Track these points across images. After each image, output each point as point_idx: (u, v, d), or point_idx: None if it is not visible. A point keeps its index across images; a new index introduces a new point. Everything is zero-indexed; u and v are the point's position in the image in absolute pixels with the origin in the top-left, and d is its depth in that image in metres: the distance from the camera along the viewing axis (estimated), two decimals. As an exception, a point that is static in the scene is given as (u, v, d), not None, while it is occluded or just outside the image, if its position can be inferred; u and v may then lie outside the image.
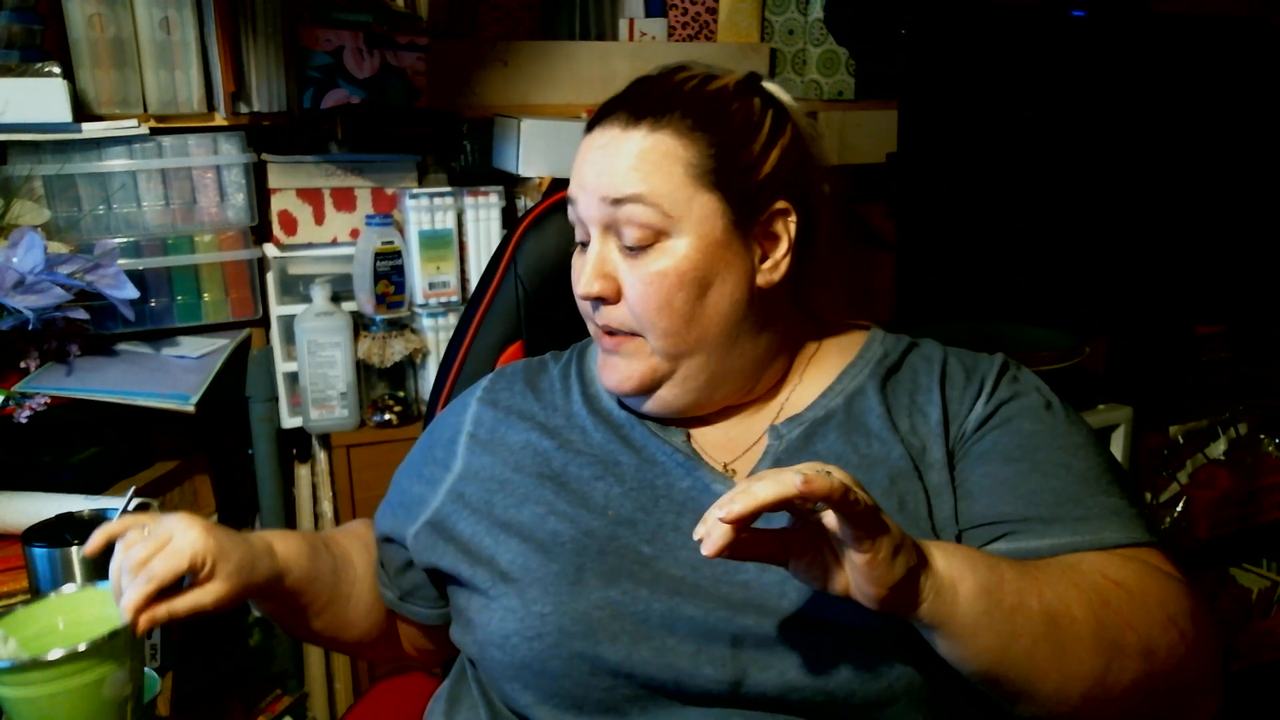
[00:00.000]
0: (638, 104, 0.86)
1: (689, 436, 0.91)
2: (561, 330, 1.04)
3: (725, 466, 0.89)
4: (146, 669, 0.93)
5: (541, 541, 0.84)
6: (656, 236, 0.84)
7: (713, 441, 0.91)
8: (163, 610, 0.79)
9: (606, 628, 0.78)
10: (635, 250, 0.85)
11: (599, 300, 0.87)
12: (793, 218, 0.87)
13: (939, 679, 0.76)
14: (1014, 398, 0.88)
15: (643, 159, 0.84)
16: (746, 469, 0.88)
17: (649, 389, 0.89)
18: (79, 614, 0.86)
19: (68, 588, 0.88)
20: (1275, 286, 2.17)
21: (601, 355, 0.91)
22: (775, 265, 0.87)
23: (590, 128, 0.89)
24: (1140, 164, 2.07)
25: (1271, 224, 2.16)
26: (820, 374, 0.93)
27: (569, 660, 0.79)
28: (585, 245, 0.89)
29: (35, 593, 1.03)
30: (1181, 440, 2.14)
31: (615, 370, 0.89)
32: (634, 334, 0.87)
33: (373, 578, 0.99)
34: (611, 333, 0.88)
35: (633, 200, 0.83)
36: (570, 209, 0.90)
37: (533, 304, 1.14)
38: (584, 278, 0.87)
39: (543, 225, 1.15)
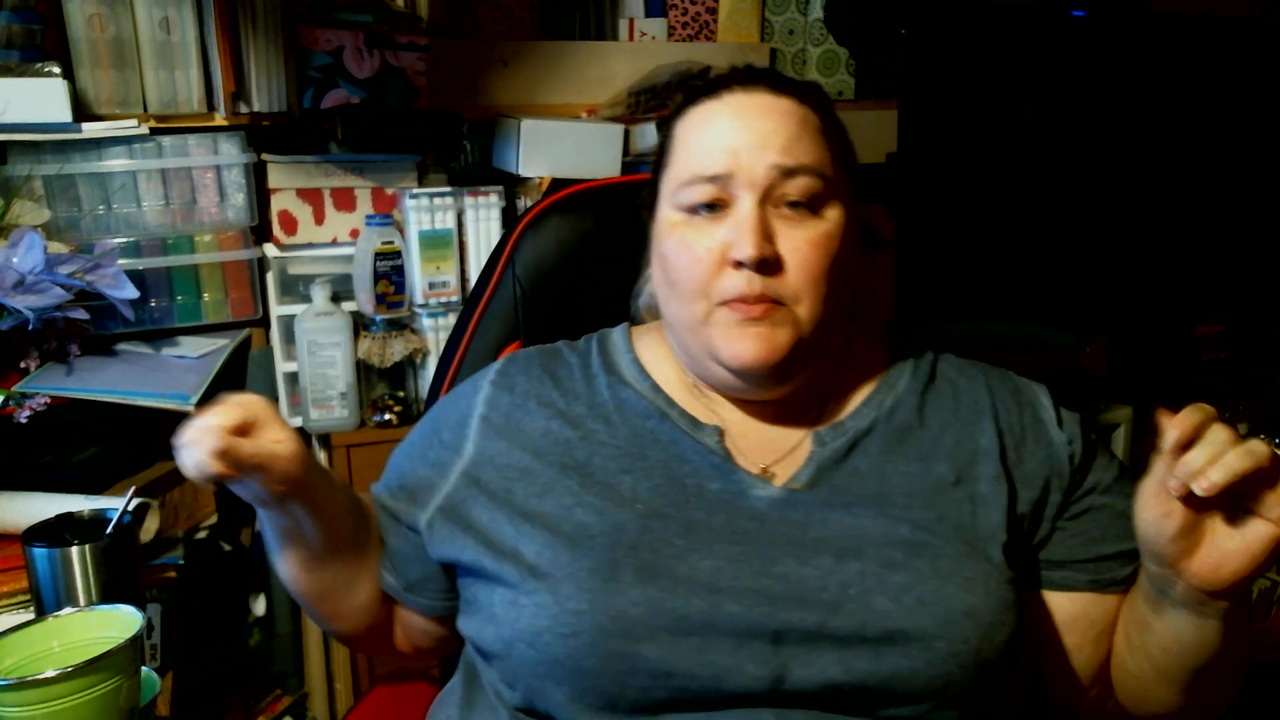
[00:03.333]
0: (772, 80, 0.86)
1: (722, 435, 0.87)
2: (560, 331, 1.03)
3: (765, 470, 0.86)
4: (146, 669, 0.93)
5: (569, 534, 0.81)
6: (817, 204, 0.83)
7: (750, 442, 0.88)
8: (244, 452, 0.77)
9: (645, 625, 0.76)
10: (797, 216, 0.82)
11: (762, 265, 0.80)
12: (858, 217, 0.89)
13: (971, 678, 0.77)
14: (1089, 450, 0.91)
15: (805, 126, 0.83)
16: (787, 474, 0.86)
17: (786, 362, 0.83)
18: (71, 637, 0.87)
19: (61, 611, 0.89)
20: (1275, 286, 2.17)
21: (733, 329, 0.82)
22: (856, 259, 0.89)
23: (711, 92, 0.86)
24: (1140, 164, 2.07)
25: (1271, 224, 2.16)
26: (854, 377, 0.92)
27: (605, 659, 0.77)
28: (709, 210, 0.83)
29: (35, 593, 1.03)
30: (1182, 440, 2.14)
31: (763, 340, 0.81)
32: (778, 303, 0.82)
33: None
34: (751, 302, 0.82)
35: (806, 170, 0.82)
36: (703, 171, 0.83)
37: (531, 304, 1.13)
38: (750, 240, 0.80)
39: (540, 225, 1.14)
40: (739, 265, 0.81)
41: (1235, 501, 0.71)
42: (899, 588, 0.77)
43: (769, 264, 0.81)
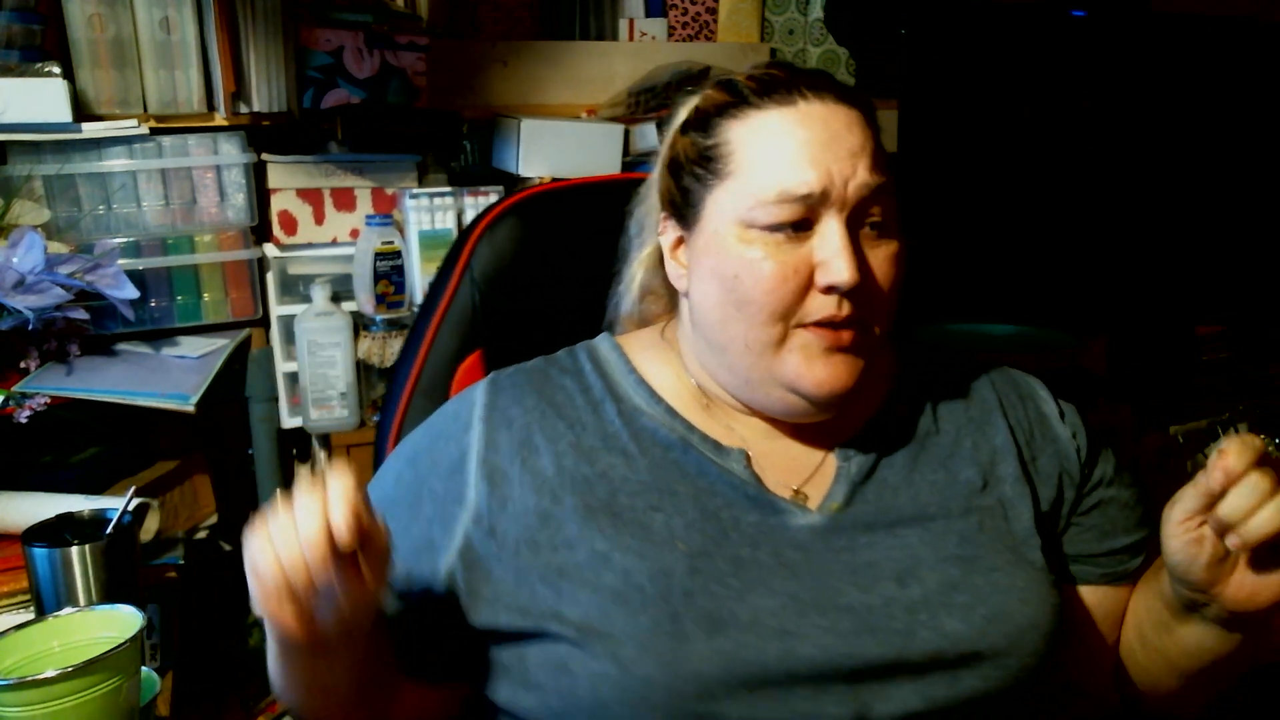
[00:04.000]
0: (836, 89, 0.80)
1: (748, 459, 0.82)
2: (522, 338, 0.98)
3: (796, 492, 0.82)
4: (146, 669, 0.93)
5: (614, 588, 0.74)
6: (889, 224, 0.79)
7: (775, 462, 0.83)
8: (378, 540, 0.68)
9: (722, 683, 0.70)
10: (875, 236, 0.78)
11: (853, 290, 0.76)
12: None
13: (1034, 683, 0.78)
14: (1093, 445, 0.90)
15: (877, 141, 0.80)
16: (819, 495, 0.82)
17: (854, 388, 0.79)
18: (71, 637, 0.87)
19: (61, 611, 0.89)
20: (1275, 286, 2.17)
21: (813, 356, 0.78)
22: None
23: (770, 94, 0.79)
24: (1140, 164, 2.07)
25: (1271, 224, 2.16)
26: (867, 385, 0.85)
27: None
28: (790, 229, 0.77)
29: (35, 593, 1.03)
30: (1181, 440, 2.14)
31: (846, 366, 0.78)
32: (859, 328, 0.78)
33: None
34: (837, 326, 0.77)
35: (890, 190, 0.79)
36: (789, 187, 0.76)
37: (490, 312, 1.05)
38: (850, 265, 0.75)
39: (495, 229, 1.07)
40: (829, 290, 0.76)
41: None
42: (965, 607, 0.75)
43: (858, 287, 0.76)
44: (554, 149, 1.66)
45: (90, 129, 1.49)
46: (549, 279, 1.07)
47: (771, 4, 2.01)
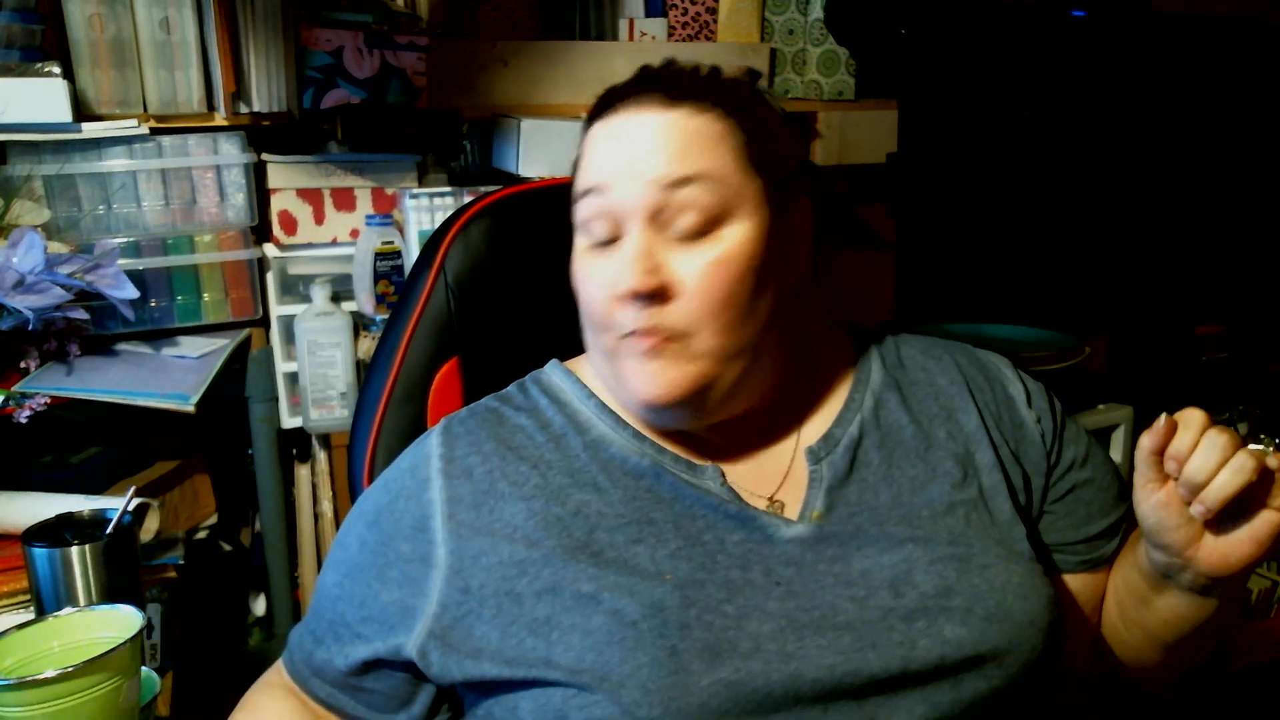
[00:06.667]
0: (670, 87, 0.78)
1: (724, 476, 0.81)
2: (497, 346, 0.96)
3: (771, 500, 0.81)
4: (146, 669, 0.93)
5: (606, 628, 0.72)
6: (715, 222, 0.76)
7: (744, 474, 0.82)
8: None
9: (729, 714, 0.69)
10: (691, 239, 0.76)
11: (649, 298, 0.75)
12: (808, 214, 0.82)
13: (1034, 685, 0.78)
14: (1062, 424, 0.90)
15: (697, 137, 0.76)
16: (796, 501, 0.81)
17: (694, 398, 0.77)
18: (71, 637, 0.87)
19: (61, 611, 0.89)
20: (1275, 286, 2.17)
21: (633, 363, 0.78)
22: (801, 263, 0.82)
23: (601, 114, 0.80)
24: (1140, 164, 2.07)
25: (1271, 224, 2.16)
26: (828, 380, 0.88)
27: None
28: (606, 244, 0.79)
29: (35, 593, 1.03)
30: (1182, 440, 2.13)
31: (660, 376, 0.76)
32: (675, 336, 0.77)
33: None
34: (649, 334, 0.77)
35: (695, 179, 0.75)
36: (589, 202, 0.79)
37: (465, 317, 1.03)
38: (634, 271, 0.75)
39: (469, 231, 1.05)
40: (625, 299, 0.76)
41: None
42: (963, 610, 0.75)
43: (657, 296, 0.75)
44: (554, 149, 1.66)
45: (90, 129, 1.49)
46: (525, 283, 1.04)
47: (771, 4, 2.01)
